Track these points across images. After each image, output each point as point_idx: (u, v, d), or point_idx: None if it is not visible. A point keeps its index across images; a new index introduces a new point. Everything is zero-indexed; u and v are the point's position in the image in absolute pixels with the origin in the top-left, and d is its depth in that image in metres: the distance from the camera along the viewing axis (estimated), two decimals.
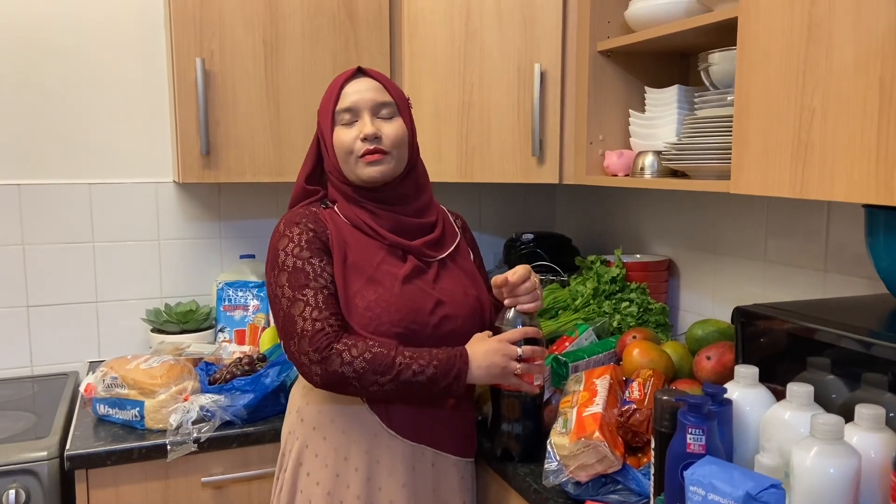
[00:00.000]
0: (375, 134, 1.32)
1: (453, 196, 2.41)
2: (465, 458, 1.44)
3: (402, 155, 1.38)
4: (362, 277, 1.32)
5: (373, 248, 1.36)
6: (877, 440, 0.93)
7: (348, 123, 1.35)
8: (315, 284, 1.28)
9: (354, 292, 1.31)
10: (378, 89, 1.36)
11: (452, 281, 1.40)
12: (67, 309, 2.06)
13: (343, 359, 1.24)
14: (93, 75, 2.03)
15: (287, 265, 1.30)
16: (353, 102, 1.34)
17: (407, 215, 1.40)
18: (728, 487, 0.93)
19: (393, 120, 1.37)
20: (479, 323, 1.41)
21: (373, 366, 1.24)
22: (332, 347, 1.24)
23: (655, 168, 1.63)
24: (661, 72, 1.82)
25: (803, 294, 1.58)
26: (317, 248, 1.31)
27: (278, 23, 1.85)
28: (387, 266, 1.34)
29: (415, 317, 1.32)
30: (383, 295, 1.31)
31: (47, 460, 1.51)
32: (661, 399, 1.11)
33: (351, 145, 1.33)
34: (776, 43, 1.16)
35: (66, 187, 2.03)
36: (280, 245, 1.32)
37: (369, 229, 1.36)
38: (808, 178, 1.12)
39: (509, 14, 1.82)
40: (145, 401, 1.61)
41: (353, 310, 1.31)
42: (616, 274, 1.87)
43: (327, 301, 1.28)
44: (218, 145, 1.83)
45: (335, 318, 1.28)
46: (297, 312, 1.26)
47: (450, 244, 1.46)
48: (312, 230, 1.33)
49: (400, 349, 1.27)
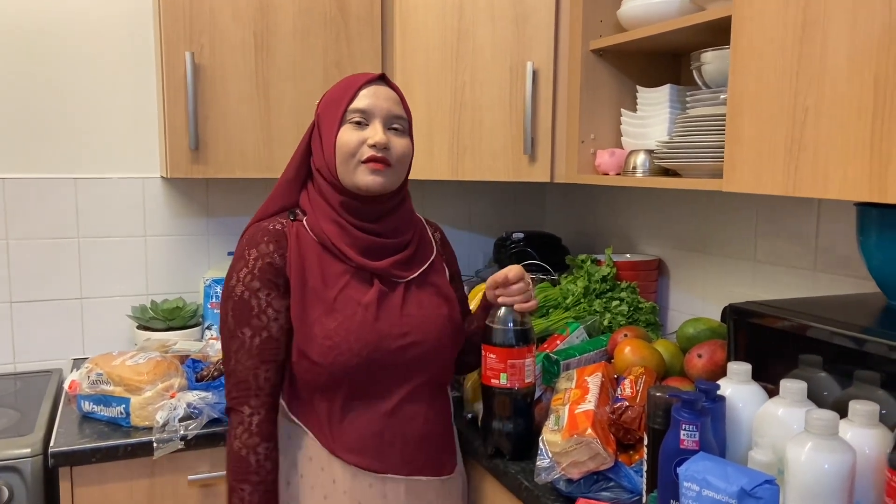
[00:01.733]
0: (386, 144, 1.28)
1: (444, 194, 2.41)
2: (442, 476, 1.38)
3: (402, 172, 1.34)
4: (323, 304, 1.27)
5: (337, 270, 1.30)
6: (871, 436, 0.93)
7: (357, 125, 1.29)
8: (256, 323, 1.26)
9: (314, 320, 1.26)
10: (396, 101, 1.33)
11: (422, 302, 1.35)
12: (52, 305, 2.03)
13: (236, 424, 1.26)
14: (79, 68, 2.00)
15: (236, 293, 1.27)
16: (369, 106, 1.29)
17: (382, 234, 1.34)
18: (722, 483, 0.93)
19: (402, 136, 1.33)
20: (450, 342, 1.37)
21: (235, 462, 1.25)
22: (240, 409, 1.26)
23: (647, 167, 1.63)
24: (653, 71, 1.82)
25: (793, 294, 1.59)
26: (268, 278, 1.27)
27: (269, 17, 1.83)
28: (350, 291, 1.29)
29: (377, 345, 1.27)
30: (343, 323, 1.26)
31: (31, 457, 1.48)
32: (654, 395, 1.11)
33: (356, 148, 1.28)
34: (770, 42, 1.17)
35: (52, 182, 2.00)
36: (236, 268, 1.29)
37: (336, 249, 1.30)
38: (802, 176, 1.12)
39: (502, 11, 1.82)
40: (131, 398, 1.59)
41: (312, 339, 1.26)
42: (606, 273, 1.87)
43: (263, 346, 1.26)
44: (207, 140, 1.81)
45: (264, 367, 1.26)
46: (232, 349, 1.27)
47: (423, 262, 1.40)
48: (269, 255, 1.28)
49: (262, 473, 1.24)
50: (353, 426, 1.29)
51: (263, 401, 1.26)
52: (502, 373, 1.39)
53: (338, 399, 1.29)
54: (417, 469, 1.33)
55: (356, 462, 1.29)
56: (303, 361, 1.27)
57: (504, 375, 1.39)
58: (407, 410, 1.32)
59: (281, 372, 1.29)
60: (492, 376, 1.40)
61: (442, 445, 1.39)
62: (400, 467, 1.31)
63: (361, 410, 1.30)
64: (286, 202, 1.37)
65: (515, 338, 1.38)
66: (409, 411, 1.33)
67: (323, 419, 1.29)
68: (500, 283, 1.38)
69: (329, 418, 1.29)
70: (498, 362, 1.39)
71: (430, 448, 1.35)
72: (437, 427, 1.37)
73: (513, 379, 1.39)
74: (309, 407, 1.31)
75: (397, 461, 1.31)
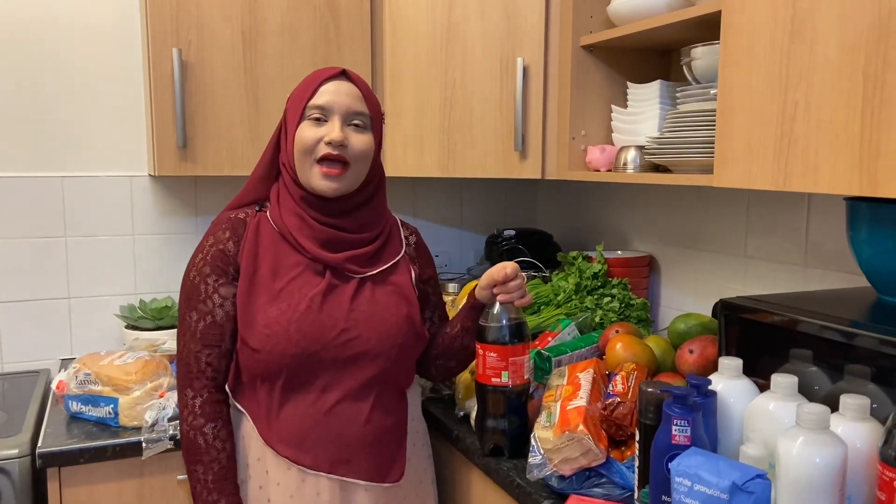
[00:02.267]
0: (342, 141, 1.27)
1: (434, 191, 2.40)
2: (385, 483, 1.33)
3: (362, 170, 1.32)
4: (269, 293, 1.27)
5: (292, 262, 1.30)
6: (862, 430, 0.93)
7: (316, 122, 1.29)
8: (202, 308, 1.28)
9: (257, 308, 1.27)
10: (357, 97, 1.31)
11: (376, 300, 1.33)
12: (39, 305, 2.01)
13: (182, 408, 1.29)
14: (65, 65, 1.98)
15: (189, 278, 1.31)
16: (328, 102, 1.28)
17: (346, 229, 1.33)
18: (714, 478, 0.93)
19: (363, 132, 1.31)
20: (405, 344, 1.35)
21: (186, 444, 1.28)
22: (185, 392, 1.29)
23: (638, 163, 1.63)
24: (643, 67, 1.82)
25: (784, 289, 1.59)
26: (218, 265, 1.29)
27: (257, 13, 1.82)
28: (299, 282, 1.29)
29: (316, 336, 1.26)
30: (285, 312, 1.26)
31: (18, 458, 1.47)
32: (646, 391, 1.11)
33: (313, 145, 1.27)
34: (760, 37, 1.17)
35: (38, 180, 1.98)
36: (195, 254, 1.32)
37: (294, 241, 1.30)
38: (792, 171, 1.12)
39: (492, 7, 1.82)
40: (119, 398, 1.58)
41: (253, 326, 1.26)
42: (598, 270, 1.87)
43: (206, 330, 1.28)
44: (195, 138, 1.80)
45: (206, 351, 1.28)
46: (181, 332, 1.30)
47: (386, 261, 1.38)
48: (223, 243, 1.30)
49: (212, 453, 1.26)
50: (290, 419, 1.28)
51: (205, 384, 1.28)
52: (503, 371, 1.39)
53: (276, 389, 1.28)
54: (352, 471, 1.30)
55: (288, 455, 1.27)
56: (244, 348, 1.28)
57: (506, 373, 1.39)
58: (347, 409, 1.29)
59: (225, 358, 1.30)
60: (492, 375, 1.39)
61: (385, 451, 1.34)
62: (332, 466, 1.29)
63: (299, 403, 1.28)
64: (258, 195, 1.38)
65: (515, 335, 1.38)
66: (350, 410, 1.30)
67: (262, 409, 1.29)
68: (499, 282, 1.36)
69: (268, 408, 1.29)
70: (499, 360, 1.38)
71: (371, 451, 1.31)
72: (381, 431, 1.33)
73: (514, 376, 1.39)
74: (251, 395, 1.31)
75: (330, 459, 1.28)
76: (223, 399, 1.30)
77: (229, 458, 1.29)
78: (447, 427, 1.60)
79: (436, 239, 2.40)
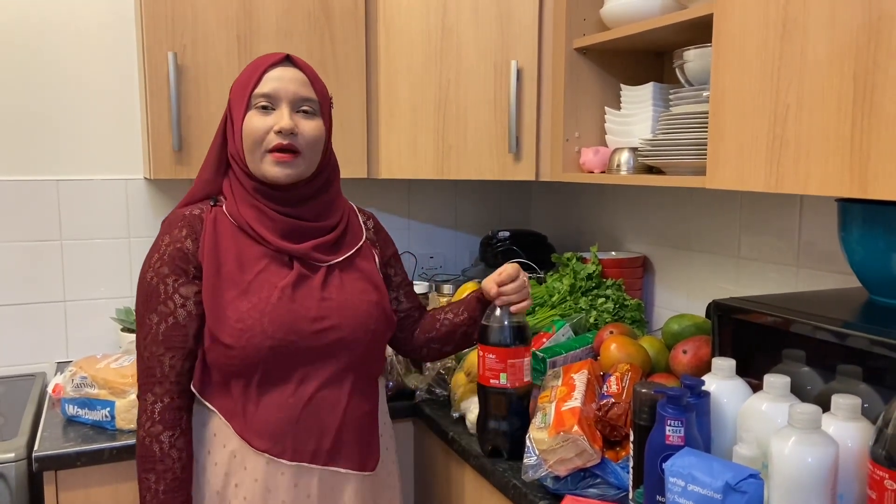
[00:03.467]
0: (292, 129, 1.24)
1: (429, 193, 2.41)
2: (364, 471, 1.32)
3: (315, 157, 1.29)
4: (237, 287, 1.25)
5: (255, 254, 1.28)
6: (853, 429, 0.94)
7: (264, 111, 1.25)
8: (163, 310, 1.24)
9: (227, 303, 1.24)
10: (303, 83, 1.27)
11: (344, 287, 1.32)
12: (35, 308, 2.01)
13: (140, 413, 1.25)
14: (61, 69, 1.99)
15: (146, 279, 1.26)
16: (274, 90, 1.25)
17: (304, 218, 1.31)
18: (707, 478, 0.94)
19: (313, 118, 1.28)
20: (377, 329, 1.34)
21: (140, 451, 1.24)
22: (144, 396, 1.24)
23: (631, 164, 1.64)
24: (637, 69, 1.83)
25: (776, 289, 1.60)
26: (177, 264, 1.25)
27: (252, 17, 1.82)
28: (267, 274, 1.26)
29: (291, 327, 1.24)
30: (257, 305, 1.23)
31: (14, 462, 1.47)
32: (639, 392, 1.12)
33: (262, 136, 1.24)
34: (751, 39, 1.18)
35: (34, 184, 1.98)
36: (150, 254, 1.27)
37: (254, 233, 1.28)
38: (783, 172, 1.13)
39: (485, 10, 1.83)
40: (116, 400, 1.58)
41: (224, 321, 1.23)
42: (592, 271, 1.88)
43: (168, 332, 1.24)
44: (190, 141, 1.80)
45: (168, 353, 1.24)
46: (142, 336, 1.25)
47: (350, 247, 1.37)
48: (181, 241, 1.26)
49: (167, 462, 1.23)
50: (267, 412, 1.25)
51: (167, 388, 1.24)
52: (502, 372, 1.39)
53: (252, 384, 1.25)
54: (332, 459, 1.28)
55: (267, 449, 1.25)
56: (215, 346, 1.24)
57: (504, 375, 1.39)
58: (325, 398, 1.28)
59: (189, 360, 1.26)
60: (491, 376, 1.40)
61: (363, 438, 1.33)
62: (314, 456, 1.27)
63: (276, 396, 1.26)
64: (210, 190, 1.34)
65: (516, 337, 1.39)
66: (328, 398, 1.28)
67: (237, 405, 1.26)
68: (505, 282, 1.37)
69: (244, 404, 1.26)
70: (497, 362, 1.39)
71: (349, 439, 1.30)
72: (359, 418, 1.32)
73: (512, 378, 1.39)
74: (223, 393, 1.27)
75: (311, 450, 1.27)
76: (183, 406, 1.27)
77: (184, 468, 1.25)
78: (442, 428, 1.60)
79: (430, 240, 2.41)
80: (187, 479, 1.26)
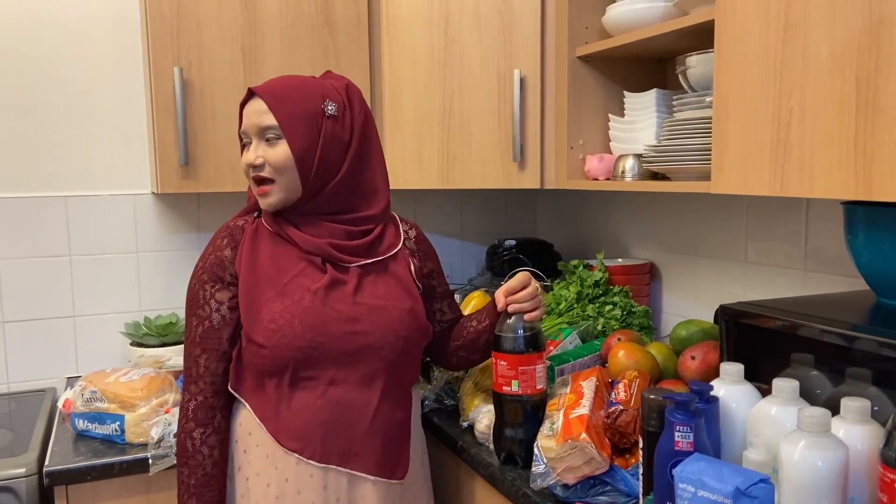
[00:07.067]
0: (253, 162, 1.31)
1: (434, 203, 2.41)
2: (392, 480, 1.33)
3: (290, 179, 1.30)
4: (273, 288, 1.30)
5: (292, 258, 1.33)
6: (863, 432, 0.94)
7: (246, 147, 1.34)
8: (200, 313, 1.32)
9: (262, 304, 1.29)
10: (262, 112, 1.29)
11: (377, 292, 1.35)
12: (44, 324, 2.02)
13: (179, 410, 1.33)
14: (68, 85, 2.01)
15: (191, 286, 1.35)
16: (245, 127, 1.33)
17: (337, 223, 1.36)
18: (717, 484, 0.93)
19: (275, 144, 1.30)
20: (410, 337, 1.36)
21: (177, 445, 1.32)
22: (184, 395, 1.33)
23: (636, 171, 1.64)
24: (639, 76, 1.84)
25: (784, 293, 1.60)
26: (215, 271, 1.33)
27: (256, 31, 1.84)
28: (302, 278, 1.31)
29: (321, 329, 1.27)
30: (289, 307, 1.28)
31: (25, 477, 1.47)
32: (648, 398, 1.12)
33: (247, 171, 1.34)
34: (753, 44, 1.18)
35: (42, 200, 2.00)
36: (197, 262, 1.37)
37: (287, 236, 1.34)
38: (788, 176, 1.13)
39: (488, 21, 1.84)
40: (126, 414, 1.59)
41: (258, 322, 1.28)
42: (599, 278, 1.88)
43: (204, 335, 1.32)
44: (197, 155, 1.82)
45: (204, 355, 1.31)
46: (185, 338, 1.35)
47: (384, 252, 1.40)
48: (221, 250, 1.34)
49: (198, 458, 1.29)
50: (299, 413, 1.28)
51: (201, 388, 1.31)
52: (513, 380, 1.39)
53: (284, 385, 1.29)
54: (361, 465, 1.30)
55: (297, 450, 1.28)
56: (249, 346, 1.30)
57: (515, 382, 1.39)
58: (353, 401, 1.30)
59: (223, 361, 1.32)
60: (503, 383, 1.40)
61: (393, 446, 1.34)
62: (341, 459, 1.29)
63: (306, 397, 1.29)
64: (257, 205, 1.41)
65: (529, 344, 1.39)
66: (356, 402, 1.30)
67: (270, 406, 1.30)
68: (516, 289, 1.39)
69: (277, 404, 1.29)
70: (509, 369, 1.39)
71: (378, 445, 1.32)
72: (389, 425, 1.34)
73: (524, 385, 1.39)
74: (259, 393, 1.31)
75: (340, 453, 1.29)
76: (217, 405, 1.32)
77: (215, 465, 1.30)
78: (451, 437, 1.60)
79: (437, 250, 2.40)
80: (218, 476, 1.31)
